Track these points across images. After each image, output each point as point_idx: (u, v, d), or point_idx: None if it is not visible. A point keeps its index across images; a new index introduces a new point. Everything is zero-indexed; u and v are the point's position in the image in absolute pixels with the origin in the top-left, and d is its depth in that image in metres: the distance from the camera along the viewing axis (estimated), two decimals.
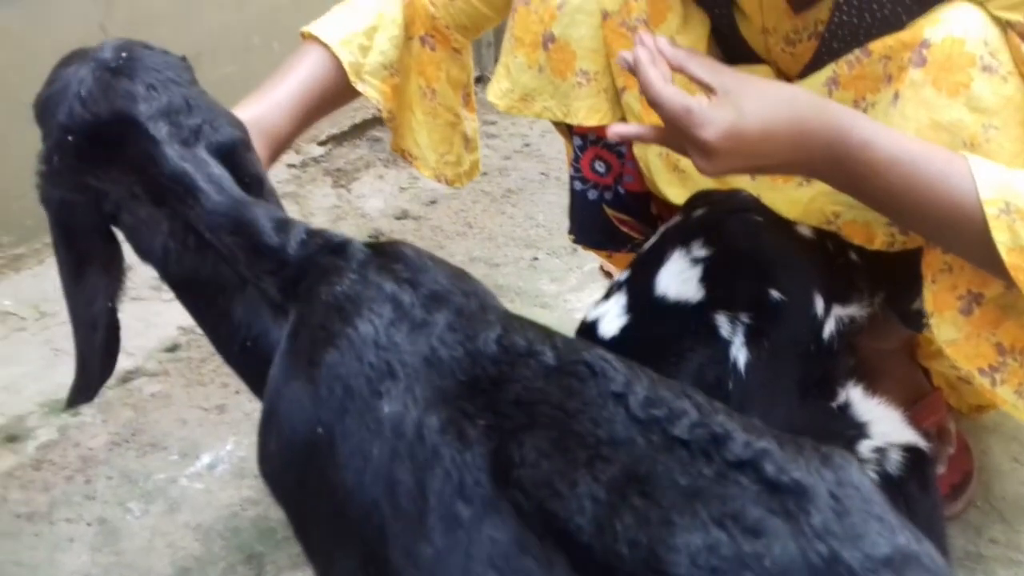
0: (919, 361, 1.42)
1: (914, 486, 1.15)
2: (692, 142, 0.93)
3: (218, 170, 0.91)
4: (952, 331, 1.02)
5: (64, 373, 1.83)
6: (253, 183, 0.96)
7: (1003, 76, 0.95)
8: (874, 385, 1.30)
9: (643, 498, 0.72)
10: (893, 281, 1.15)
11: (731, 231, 1.10)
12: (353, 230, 2.29)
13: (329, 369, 0.84)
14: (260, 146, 1.11)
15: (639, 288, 1.13)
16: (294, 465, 0.88)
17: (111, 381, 1.79)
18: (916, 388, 1.42)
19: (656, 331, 1.10)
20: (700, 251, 1.09)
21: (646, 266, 1.13)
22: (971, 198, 0.88)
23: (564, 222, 2.32)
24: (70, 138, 0.89)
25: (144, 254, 0.92)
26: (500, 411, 0.79)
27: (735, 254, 1.09)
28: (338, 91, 1.33)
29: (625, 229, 1.34)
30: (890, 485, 1.14)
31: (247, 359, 0.93)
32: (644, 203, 1.33)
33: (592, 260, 1.94)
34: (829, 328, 1.10)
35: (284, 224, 0.91)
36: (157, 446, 1.64)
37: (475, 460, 0.77)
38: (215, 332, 0.95)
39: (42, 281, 2.00)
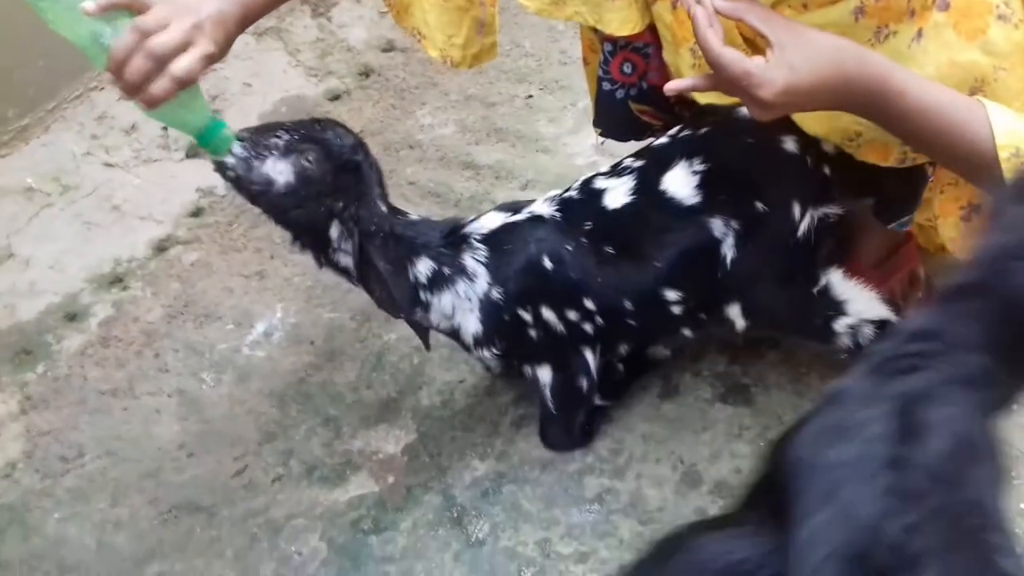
0: None
1: None
2: (750, 99, 1.05)
3: None
4: (953, 231, 1.22)
5: (102, 246, 1.93)
6: None
7: (1015, 24, 1.07)
8: (858, 238, 1.52)
9: None
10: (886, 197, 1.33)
11: (727, 151, 1.31)
12: (342, 67, 2.32)
13: None
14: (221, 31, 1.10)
15: (647, 179, 1.33)
16: None
17: (149, 252, 1.91)
18: (892, 236, 1.62)
19: (653, 218, 1.32)
20: (700, 166, 1.30)
21: (656, 163, 1.34)
22: (988, 144, 1.03)
23: (552, 51, 2.37)
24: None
25: None
26: None
27: (729, 172, 1.30)
28: None
29: (645, 118, 1.46)
30: (860, 354, 1.38)
31: None
32: (663, 94, 1.43)
33: (584, 98, 2.02)
34: (804, 226, 1.31)
35: None
36: (211, 316, 1.78)
37: None
38: None
39: (54, 151, 2.02)
